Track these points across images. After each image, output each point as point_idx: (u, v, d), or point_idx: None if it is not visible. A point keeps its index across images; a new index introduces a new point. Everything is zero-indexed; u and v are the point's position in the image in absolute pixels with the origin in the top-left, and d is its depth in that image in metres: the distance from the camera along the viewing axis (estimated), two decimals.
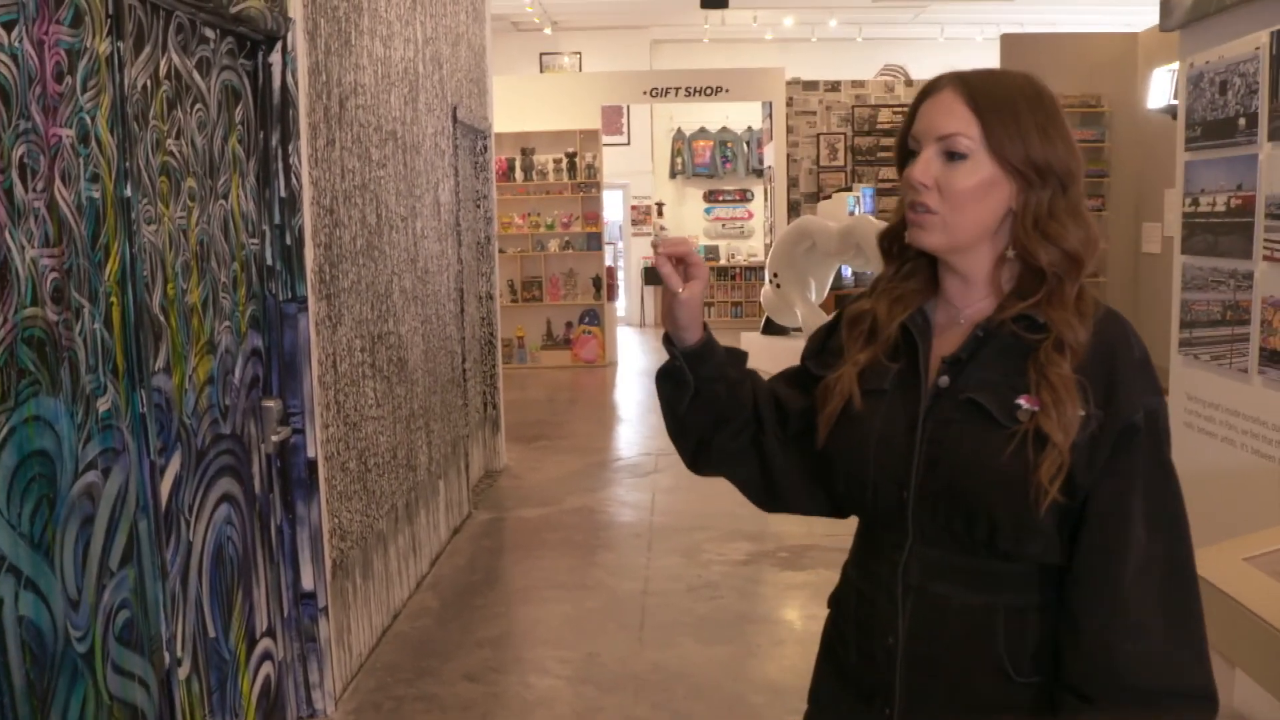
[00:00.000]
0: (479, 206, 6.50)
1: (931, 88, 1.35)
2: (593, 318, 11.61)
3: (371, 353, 4.03)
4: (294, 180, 3.25)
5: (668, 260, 1.38)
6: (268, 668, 3.21)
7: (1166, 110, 5.58)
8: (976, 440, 1.28)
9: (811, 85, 12.55)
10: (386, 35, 4.28)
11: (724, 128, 15.66)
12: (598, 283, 11.55)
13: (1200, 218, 3.62)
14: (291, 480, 3.33)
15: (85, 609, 2.15)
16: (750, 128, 15.45)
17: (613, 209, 13.96)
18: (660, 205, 15.81)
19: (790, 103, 12.28)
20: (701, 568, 4.98)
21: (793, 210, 12.15)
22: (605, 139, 11.92)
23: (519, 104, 10.83)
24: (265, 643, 3.19)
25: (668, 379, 1.46)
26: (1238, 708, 2.84)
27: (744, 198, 15.98)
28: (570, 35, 14.48)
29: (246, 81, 3.10)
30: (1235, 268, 3.41)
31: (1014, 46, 8.83)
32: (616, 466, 7.21)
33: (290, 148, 3.23)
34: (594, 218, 11.55)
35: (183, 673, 2.62)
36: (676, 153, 15.82)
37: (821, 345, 1.50)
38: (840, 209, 10.89)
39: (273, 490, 3.26)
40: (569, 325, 11.66)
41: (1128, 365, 1.27)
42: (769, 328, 10.56)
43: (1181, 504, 1.29)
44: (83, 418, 2.15)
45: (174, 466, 2.61)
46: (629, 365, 11.92)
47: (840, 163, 12.56)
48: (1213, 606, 1.62)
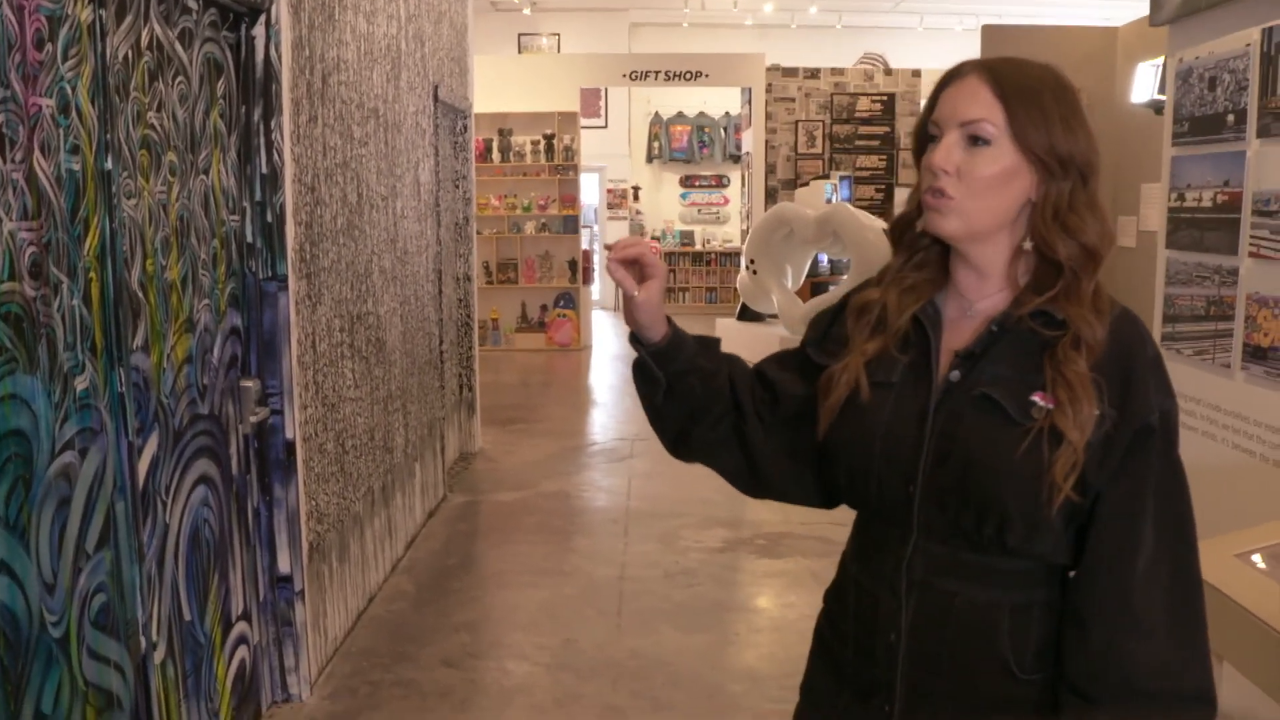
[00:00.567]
0: (458, 187, 6.43)
1: (955, 74, 1.31)
2: (568, 301, 11.55)
3: (350, 333, 3.97)
4: (276, 156, 3.19)
5: (619, 265, 1.35)
6: (243, 652, 3.16)
7: (1150, 105, 5.59)
8: (990, 436, 1.26)
9: (791, 72, 12.51)
10: (370, 11, 4.21)
11: (702, 113, 15.61)
12: (573, 266, 11.49)
13: (1186, 213, 3.62)
14: (269, 462, 3.28)
15: (61, 593, 2.10)
16: (728, 113, 15.41)
17: (589, 192, 13.88)
18: (636, 189, 15.76)
19: (769, 89, 12.24)
20: (679, 554, 4.96)
21: (770, 197, 12.12)
22: (583, 122, 11.84)
23: (497, 84, 10.73)
24: (241, 626, 3.14)
25: (641, 373, 1.44)
26: (1224, 703, 2.85)
27: (720, 183, 15.95)
28: (549, 16, 14.36)
29: (229, 54, 3.03)
30: (1220, 263, 3.42)
31: (994, 38, 8.82)
32: (592, 451, 7.18)
33: (273, 123, 3.17)
34: (571, 200, 11.48)
35: (158, 657, 2.57)
36: (654, 137, 15.76)
37: (824, 333, 1.46)
38: (818, 196, 10.87)
39: (250, 472, 3.20)
40: (544, 308, 11.60)
41: (1144, 365, 1.26)
42: (744, 314, 10.54)
43: (1190, 507, 1.28)
44: (60, 396, 2.09)
45: (151, 447, 2.55)
46: (603, 349, 11.87)
47: (818, 150, 12.54)
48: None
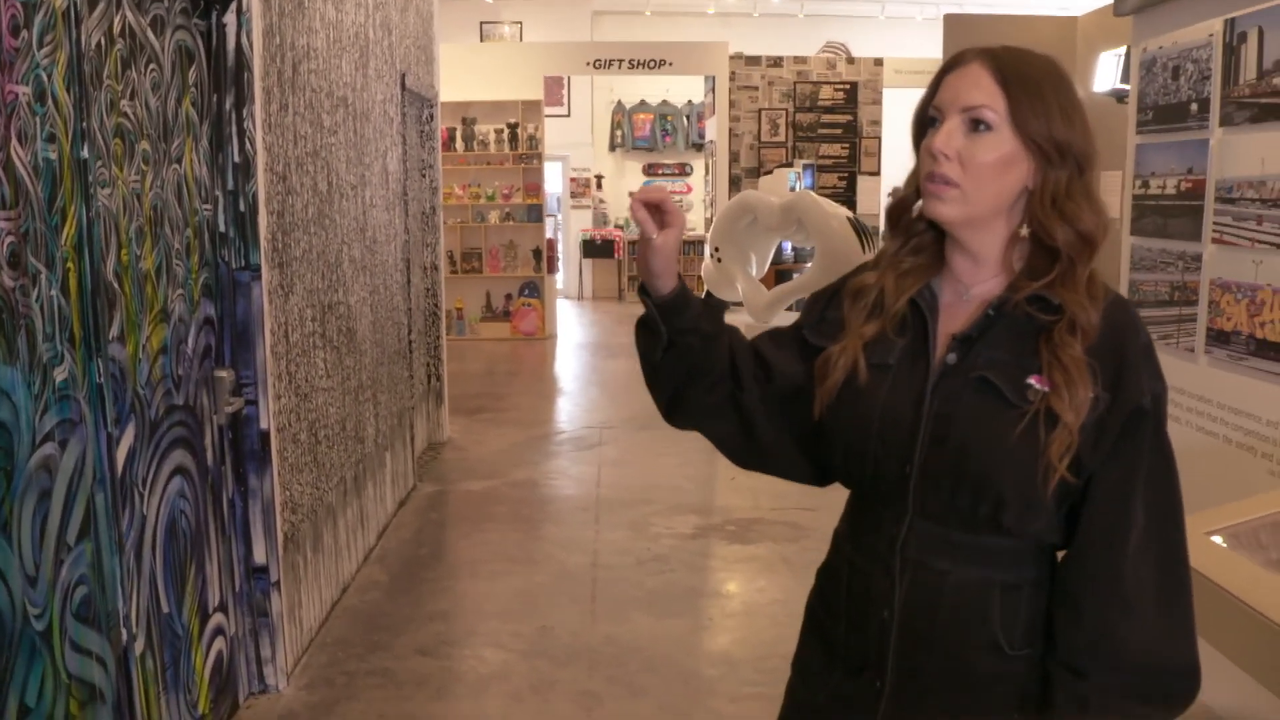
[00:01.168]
0: (424, 176, 6.40)
1: (956, 61, 1.34)
2: (533, 290, 11.54)
3: (322, 323, 3.95)
4: (248, 145, 3.17)
5: (643, 206, 1.37)
6: (220, 643, 3.14)
7: (1112, 93, 5.67)
8: (986, 418, 1.29)
9: (754, 60, 12.54)
10: None
11: (664, 101, 15.61)
12: (538, 255, 11.47)
13: (1150, 200, 3.68)
14: (244, 452, 3.26)
15: (43, 585, 2.08)
16: (690, 101, 15.41)
17: (552, 181, 13.85)
18: (599, 178, 15.74)
19: (733, 77, 12.26)
20: (650, 541, 4.99)
21: (734, 185, 12.16)
22: (546, 110, 11.80)
23: (461, 73, 10.66)
24: (218, 618, 3.13)
25: (644, 328, 1.45)
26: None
27: (683, 171, 15.96)
28: (511, 5, 14.30)
29: (200, 42, 3.01)
30: (1184, 249, 3.48)
31: (956, 27, 8.90)
32: (560, 439, 7.19)
33: (245, 111, 3.14)
34: (535, 189, 11.45)
35: (137, 649, 2.56)
36: (616, 125, 15.74)
37: (820, 315, 1.48)
38: (781, 184, 10.92)
39: (225, 463, 3.19)
40: (508, 297, 11.57)
41: (1136, 350, 1.29)
42: (708, 300, 10.58)
43: (1178, 489, 1.32)
44: (40, 387, 2.07)
45: (128, 438, 2.53)
46: (568, 338, 11.87)
47: (781, 138, 12.59)
48: None
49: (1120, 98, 5.38)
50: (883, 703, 1.38)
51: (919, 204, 1.38)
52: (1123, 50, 5.47)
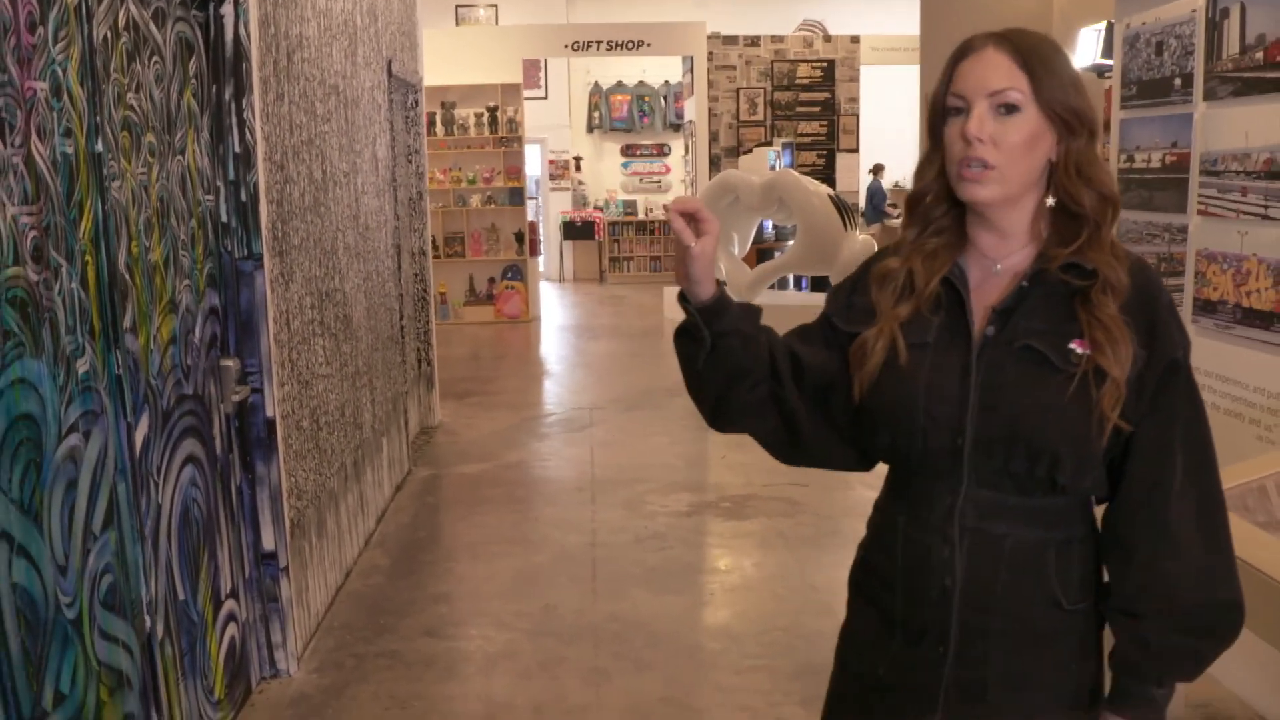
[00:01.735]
0: (410, 162, 6.41)
1: (967, 48, 1.39)
2: (515, 273, 11.55)
3: (320, 310, 3.98)
4: (248, 135, 3.18)
5: (679, 216, 1.40)
6: (233, 629, 3.18)
7: (1093, 69, 5.73)
8: (1036, 384, 1.35)
9: (731, 40, 12.56)
10: None
11: (641, 82, 15.62)
12: (520, 238, 11.48)
13: (1135, 173, 3.75)
14: (250, 440, 3.29)
15: (73, 574, 2.12)
16: (667, 82, 15.43)
17: (530, 164, 13.84)
18: (578, 160, 15.74)
19: (711, 57, 12.28)
20: (646, 519, 5.05)
21: (714, 165, 12.19)
22: (524, 93, 11.79)
23: (439, 57, 10.63)
24: (230, 604, 3.16)
25: (684, 335, 1.48)
26: None
27: (661, 152, 15.99)
28: None
29: (199, 33, 3.02)
30: (1170, 222, 3.56)
31: (933, 4, 8.95)
32: (550, 421, 7.23)
33: (244, 102, 3.16)
34: (516, 172, 11.46)
35: (158, 636, 2.59)
36: (594, 107, 15.74)
37: (847, 303, 1.52)
38: (761, 163, 10.97)
39: (232, 450, 3.22)
40: (491, 281, 11.58)
41: (1164, 308, 1.38)
42: None
43: (1210, 434, 1.40)
44: (64, 379, 2.10)
45: (143, 428, 2.56)
46: (552, 320, 11.91)
47: (760, 117, 12.63)
48: None
49: (1101, 72, 5.44)
50: (946, 667, 1.43)
51: (933, 194, 1.43)
52: (1103, 26, 5.52)
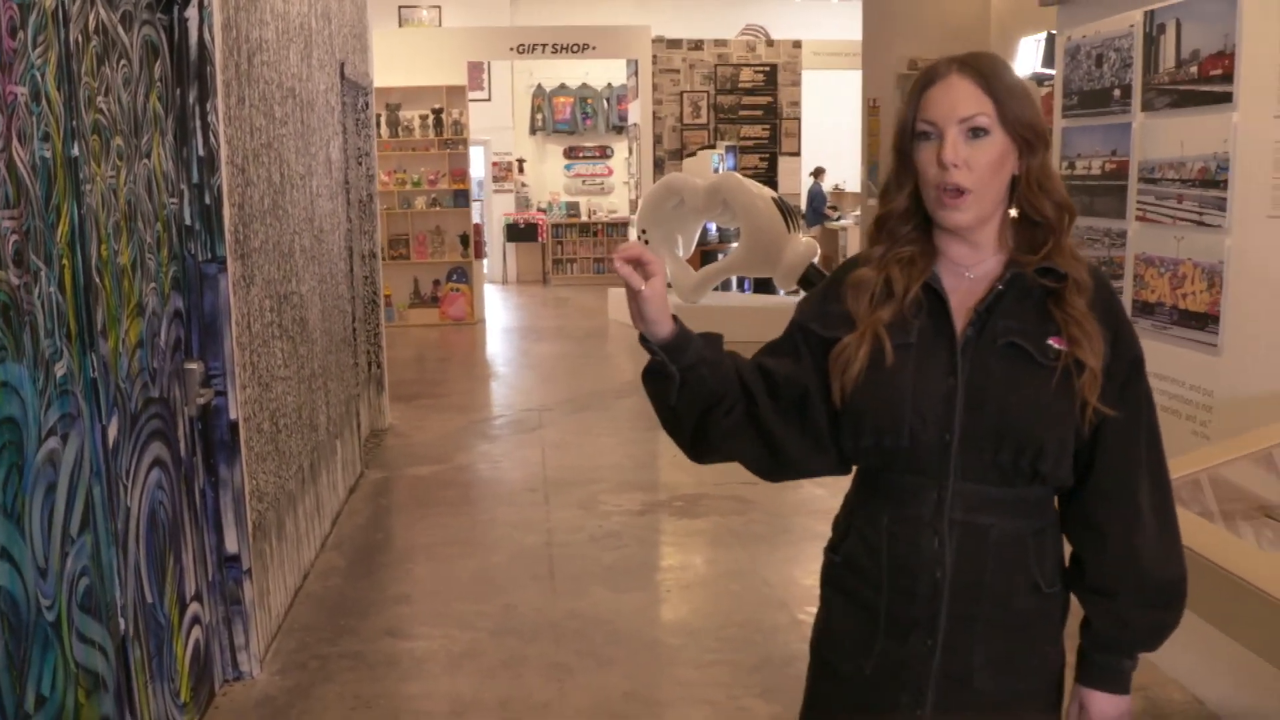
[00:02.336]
0: (361, 164, 6.41)
1: (933, 76, 1.47)
2: (461, 275, 11.54)
3: (279, 312, 3.99)
4: (212, 139, 3.19)
5: (625, 263, 1.45)
6: (197, 632, 3.19)
7: (1033, 78, 5.91)
8: (1020, 379, 1.45)
9: (675, 44, 12.66)
10: None
11: (584, 84, 15.66)
12: (465, 240, 11.48)
13: (1077, 180, 3.89)
14: (214, 443, 3.30)
15: (52, 577, 2.13)
16: (610, 84, 15.49)
17: (474, 166, 13.82)
18: (521, 162, 15.75)
19: (655, 60, 12.37)
20: (601, 519, 5.11)
21: (657, 167, 12.28)
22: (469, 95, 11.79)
23: (384, 58, 10.57)
24: (194, 607, 3.17)
25: (653, 376, 1.52)
26: None
27: (604, 154, 16.04)
28: None
29: (164, 36, 3.03)
30: (1110, 227, 3.70)
31: (875, 9, 9.13)
32: (500, 423, 7.26)
33: (208, 105, 3.17)
34: (461, 175, 11.45)
35: (130, 638, 2.60)
36: (536, 109, 15.75)
37: (822, 310, 1.58)
38: (705, 166, 11.09)
39: (196, 453, 3.22)
40: (437, 283, 11.56)
41: (1121, 309, 1.51)
42: None
43: (1159, 423, 1.53)
44: (43, 383, 2.11)
45: (113, 431, 2.57)
46: (496, 322, 11.91)
47: (703, 120, 12.75)
48: None
49: (1041, 81, 5.61)
50: (936, 658, 1.50)
51: (899, 214, 1.52)
52: (1043, 36, 5.70)
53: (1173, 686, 3.29)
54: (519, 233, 15.25)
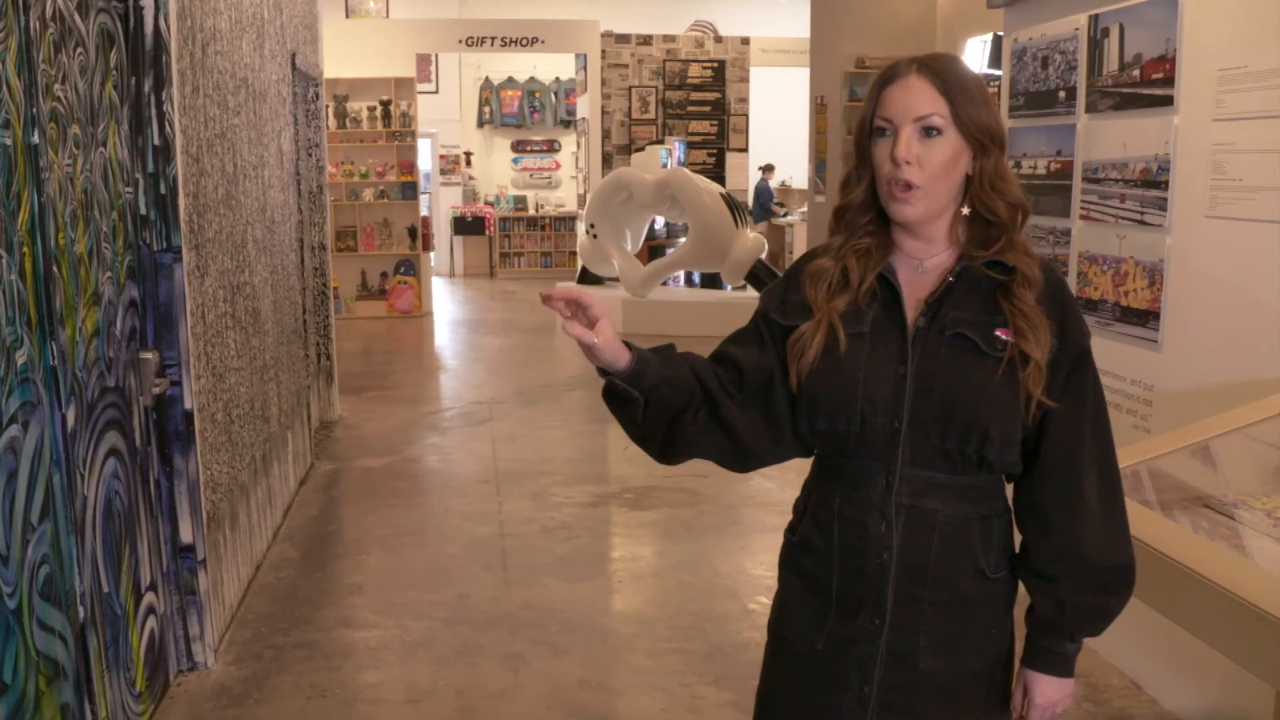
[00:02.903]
0: (311, 155, 6.37)
1: (892, 75, 1.53)
2: (408, 268, 11.48)
3: (232, 303, 3.97)
4: (167, 128, 3.18)
5: (573, 323, 1.46)
6: (152, 622, 3.17)
7: None
8: (967, 368, 1.50)
9: (624, 39, 12.69)
10: None
11: (532, 78, 15.64)
12: (413, 233, 11.42)
13: (1023, 179, 3.99)
14: (169, 433, 3.28)
15: (13, 564, 2.12)
16: (558, 78, 15.48)
17: (421, 158, 13.75)
18: (468, 155, 15.69)
19: (604, 55, 12.39)
20: (552, 510, 5.14)
21: (606, 162, 12.31)
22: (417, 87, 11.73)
23: (331, 49, 10.49)
24: (149, 597, 3.15)
25: (615, 398, 1.56)
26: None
27: (552, 148, 16.04)
28: None
29: (119, 25, 3.01)
30: (1055, 225, 3.80)
31: (823, 6, 9.25)
32: (449, 416, 7.26)
33: (164, 94, 3.15)
34: (409, 167, 11.39)
35: (89, 627, 2.59)
36: (484, 102, 15.70)
37: (782, 299, 1.64)
38: (653, 161, 11.13)
39: (151, 443, 3.20)
40: (384, 275, 11.50)
41: (1071, 302, 1.55)
42: (584, 277, 10.73)
43: (1108, 413, 1.58)
44: (4, 370, 2.10)
45: (70, 420, 2.56)
46: (444, 315, 11.87)
47: (651, 116, 12.79)
48: None
49: (987, 82, 5.72)
50: (883, 635, 1.56)
51: (861, 206, 1.57)
52: (989, 37, 5.81)
53: (1111, 671, 3.41)
54: (466, 226, 15.20)
